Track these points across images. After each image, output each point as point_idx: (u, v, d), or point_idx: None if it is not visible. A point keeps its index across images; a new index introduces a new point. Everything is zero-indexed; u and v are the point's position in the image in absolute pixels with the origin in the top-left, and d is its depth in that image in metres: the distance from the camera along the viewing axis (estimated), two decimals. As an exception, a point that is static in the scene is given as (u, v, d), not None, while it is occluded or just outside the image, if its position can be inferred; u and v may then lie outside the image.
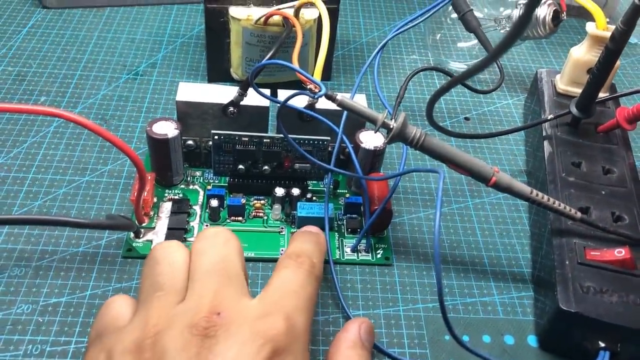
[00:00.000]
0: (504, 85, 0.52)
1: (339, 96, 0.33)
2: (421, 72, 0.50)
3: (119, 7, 0.56)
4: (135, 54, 0.50)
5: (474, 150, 0.45)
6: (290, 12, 0.42)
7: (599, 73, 0.37)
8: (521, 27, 0.23)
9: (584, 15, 0.61)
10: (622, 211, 0.36)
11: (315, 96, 0.34)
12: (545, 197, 0.34)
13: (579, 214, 0.34)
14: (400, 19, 0.59)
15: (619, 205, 0.36)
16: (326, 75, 0.50)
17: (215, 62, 0.47)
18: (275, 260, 0.36)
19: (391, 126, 0.33)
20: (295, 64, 0.36)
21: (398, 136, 0.33)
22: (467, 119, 0.48)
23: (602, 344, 0.31)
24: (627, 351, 0.31)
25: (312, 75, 0.37)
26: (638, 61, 0.57)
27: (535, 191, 0.33)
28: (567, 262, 0.33)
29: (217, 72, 0.48)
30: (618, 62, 0.41)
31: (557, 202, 0.34)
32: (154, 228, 0.36)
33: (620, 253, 0.33)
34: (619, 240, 0.34)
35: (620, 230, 0.34)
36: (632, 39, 0.59)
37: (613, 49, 0.35)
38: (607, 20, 0.61)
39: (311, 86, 0.34)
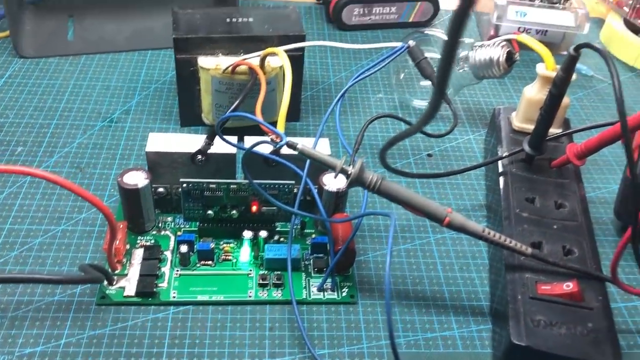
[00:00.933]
0: (466, 121, 0.54)
1: (300, 145, 0.35)
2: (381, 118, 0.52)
3: (94, 55, 0.57)
4: (110, 101, 0.52)
5: (436, 186, 0.47)
6: (255, 62, 0.44)
7: (546, 114, 0.39)
8: (445, 75, 0.24)
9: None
10: (572, 245, 0.38)
11: (277, 146, 0.36)
12: (497, 235, 0.35)
13: (529, 250, 0.36)
14: (367, 58, 0.61)
15: (569, 239, 0.38)
16: (295, 116, 0.52)
17: (187, 108, 0.49)
18: (243, 303, 0.37)
19: (349, 172, 0.35)
20: (258, 114, 0.38)
21: (356, 181, 0.35)
22: (429, 155, 0.50)
23: (553, 375, 0.33)
24: (576, 381, 0.33)
25: (276, 123, 0.39)
26: (594, 93, 0.60)
27: (487, 229, 0.35)
28: (519, 297, 0.35)
29: (189, 118, 0.49)
30: (567, 100, 0.44)
31: (508, 239, 0.36)
32: (126, 275, 0.38)
33: (569, 287, 0.35)
34: (568, 274, 0.36)
35: (569, 264, 0.36)
36: (588, 72, 0.62)
37: (555, 93, 0.37)
38: (566, 52, 0.64)
39: (272, 136, 0.36)
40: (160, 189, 0.41)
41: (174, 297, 0.37)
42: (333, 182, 0.40)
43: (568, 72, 0.36)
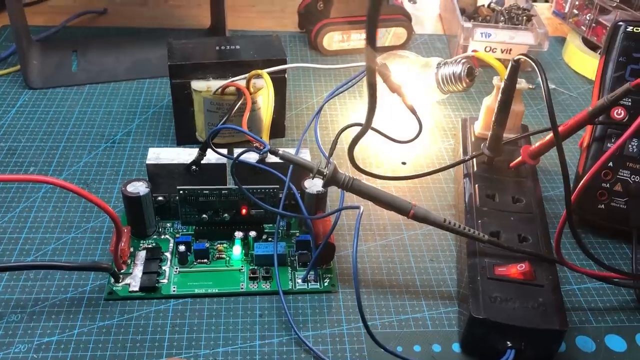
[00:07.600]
0: (436, 130, 0.59)
1: (281, 151, 0.40)
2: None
3: (97, 84, 0.63)
4: (112, 125, 0.57)
5: (409, 190, 0.52)
6: (242, 83, 0.49)
7: (498, 119, 0.44)
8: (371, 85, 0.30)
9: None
10: (527, 233, 0.43)
11: (261, 152, 0.41)
12: (457, 224, 0.40)
13: (486, 237, 0.41)
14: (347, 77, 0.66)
15: (524, 228, 0.43)
16: (280, 133, 0.57)
17: (182, 128, 0.54)
18: (236, 295, 0.42)
19: (325, 173, 0.40)
20: (244, 127, 0.43)
21: (331, 180, 0.40)
22: (403, 163, 0.55)
23: (509, 344, 0.37)
24: (529, 348, 0.37)
25: (262, 134, 0.44)
26: (556, 103, 0.65)
27: (448, 219, 0.40)
28: (478, 278, 0.39)
29: (185, 136, 0.55)
30: (522, 108, 0.49)
31: (467, 227, 0.40)
32: (131, 273, 0.42)
33: (522, 267, 0.39)
34: (523, 257, 0.41)
35: (523, 249, 0.41)
36: (551, 85, 0.67)
37: (504, 99, 0.43)
38: (530, 69, 0.69)
39: (257, 144, 0.41)
40: (160, 198, 0.46)
41: (173, 291, 0.42)
42: (314, 186, 0.45)
43: (512, 80, 0.41)
